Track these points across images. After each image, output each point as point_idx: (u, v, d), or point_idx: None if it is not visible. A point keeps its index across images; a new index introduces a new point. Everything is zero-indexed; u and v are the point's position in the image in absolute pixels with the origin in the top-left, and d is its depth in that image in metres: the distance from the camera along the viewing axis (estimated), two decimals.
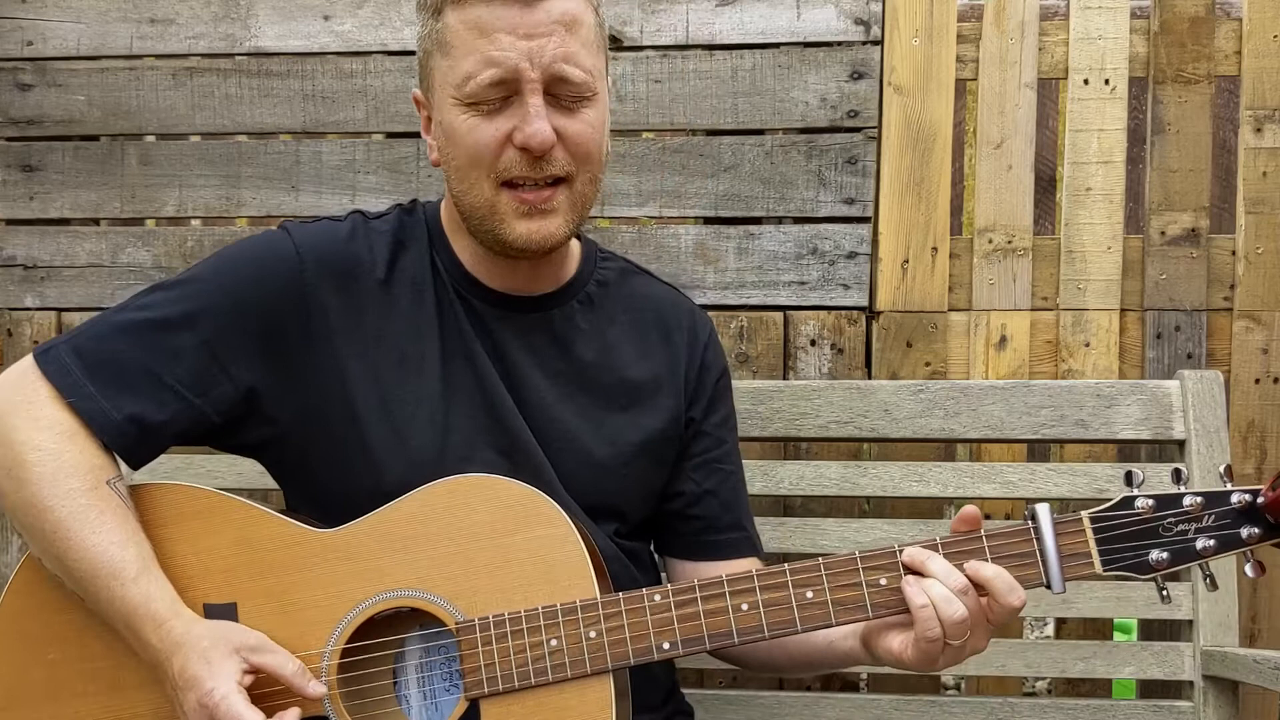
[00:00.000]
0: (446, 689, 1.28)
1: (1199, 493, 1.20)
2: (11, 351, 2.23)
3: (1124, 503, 1.21)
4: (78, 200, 2.24)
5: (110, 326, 1.31)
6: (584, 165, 1.32)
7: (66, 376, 1.27)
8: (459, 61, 1.27)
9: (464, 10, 1.26)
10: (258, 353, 1.32)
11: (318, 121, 2.20)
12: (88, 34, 2.24)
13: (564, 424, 1.39)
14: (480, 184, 1.30)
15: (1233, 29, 2.06)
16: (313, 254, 1.35)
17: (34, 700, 1.28)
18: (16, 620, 1.31)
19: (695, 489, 1.48)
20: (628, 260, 1.55)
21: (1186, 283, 2.07)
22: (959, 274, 2.10)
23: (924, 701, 1.86)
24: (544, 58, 1.25)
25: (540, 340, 1.41)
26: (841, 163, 2.11)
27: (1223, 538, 1.19)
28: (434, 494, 1.27)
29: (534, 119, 1.26)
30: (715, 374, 1.51)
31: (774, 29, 2.12)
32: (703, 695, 1.89)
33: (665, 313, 1.50)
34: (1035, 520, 1.22)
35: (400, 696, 1.29)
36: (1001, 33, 2.09)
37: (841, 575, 1.23)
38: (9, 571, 2.21)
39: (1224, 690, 1.79)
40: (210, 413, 1.32)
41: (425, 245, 1.41)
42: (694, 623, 1.23)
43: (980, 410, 1.90)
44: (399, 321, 1.36)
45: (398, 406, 1.34)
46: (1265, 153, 2.06)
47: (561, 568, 1.24)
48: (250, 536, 1.28)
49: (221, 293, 1.32)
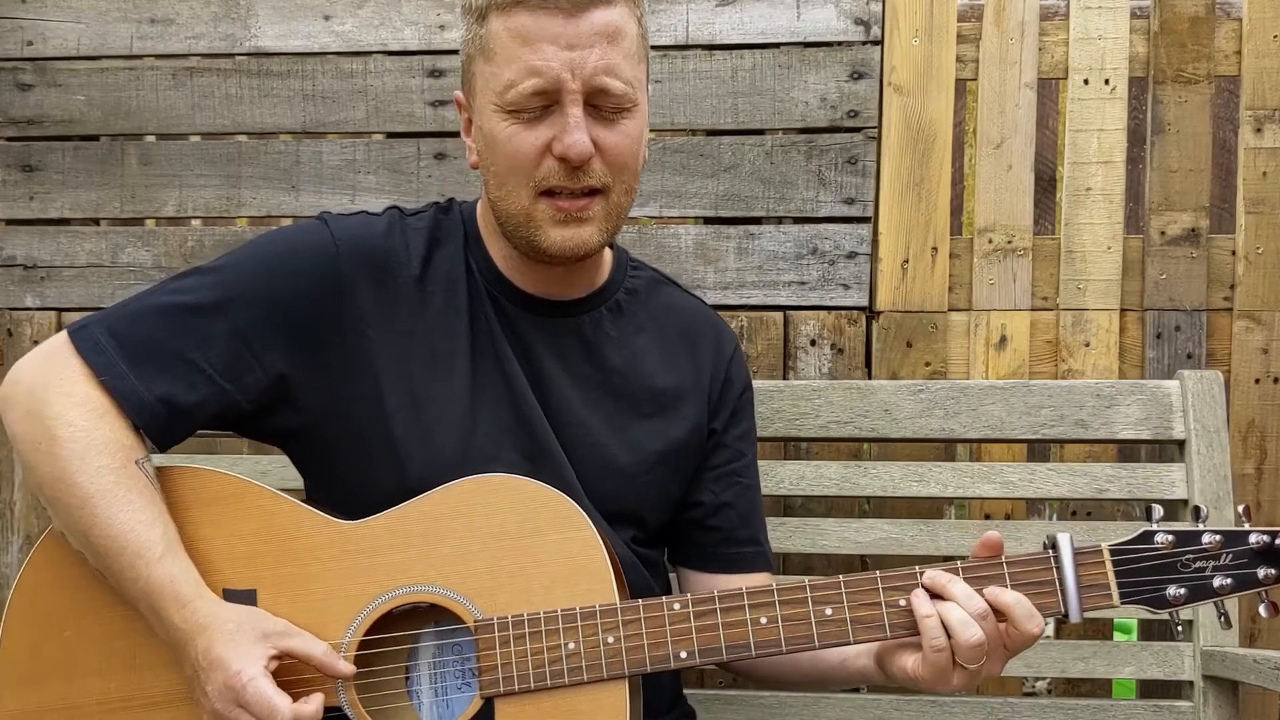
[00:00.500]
0: (459, 687, 1.28)
1: (1218, 531, 1.21)
2: (11, 351, 2.23)
3: (1144, 537, 1.22)
4: (78, 200, 2.24)
5: (145, 308, 1.32)
6: (620, 176, 1.33)
7: (100, 355, 1.28)
8: (501, 69, 1.28)
9: (509, 18, 1.27)
10: (290, 341, 1.33)
11: (318, 121, 2.20)
12: (88, 34, 2.24)
13: (588, 429, 1.39)
14: (518, 191, 1.31)
15: (1233, 29, 2.07)
16: (350, 247, 1.36)
17: (49, 676, 1.29)
18: (35, 595, 1.31)
19: (713, 500, 1.49)
20: (656, 270, 1.56)
21: (1186, 283, 2.07)
22: (959, 274, 2.11)
23: (924, 701, 1.86)
24: (585, 69, 1.26)
25: (569, 345, 1.42)
26: (841, 163, 2.11)
27: (1239, 577, 1.20)
28: (458, 491, 1.27)
29: (573, 130, 1.27)
30: (739, 388, 1.53)
31: (774, 29, 2.12)
32: (703, 695, 1.89)
33: (692, 325, 1.51)
34: (1056, 549, 1.22)
35: (412, 692, 1.29)
36: (1001, 33, 2.09)
37: (861, 594, 1.23)
38: (9, 572, 2.21)
39: (1224, 690, 1.79)
40: (240, 399, 1.32)
41: (460, 244, 1.42)
42: (712, 633, 1.23)
43: (980, 410, 1.90)
44: (431, 319, 1.37)
45: (425, 403, 1.34)
46: (1265, 153, 2.06)
47: (583, 572, 1.24)
48: (273, 524, 1.29)
49: (257, 280, 1.33)
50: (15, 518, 2.22)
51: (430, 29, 2.18)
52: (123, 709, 1.27)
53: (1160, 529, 1.22)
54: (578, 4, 1.26)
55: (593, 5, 1.26)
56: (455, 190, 2.16)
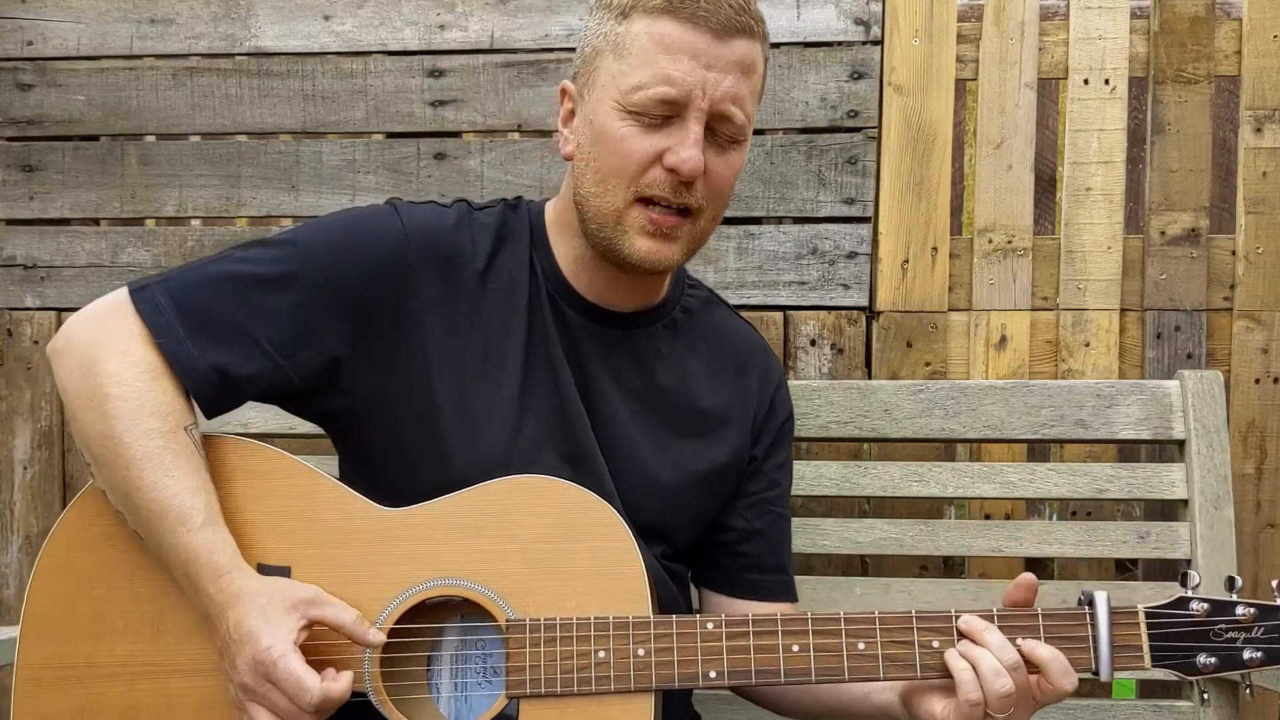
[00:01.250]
0: (480, 684, 1.28)
1: (1252, 604, 1.22)
2: (11, 351, 2.23)
3: (1179, 603, 1.23)
4: (78, 200, 2.24)
5: (207, 276, 1.32)
6: (713, 204, 1.34)
7: (160, 317, 1.28)
8: (634, 70, 1.28)
9: (655, 22, 1.27)
10: (349, 324, 1.33)
11: (318, 121, 2.20)
12: (88, 34, 2.24)
13: (631, 442, 1.40)
14: (616, 191, 1.31)
15: (1233, 29, 2.07)
16: (419, 236, 1.36)
17: (74, 633, 1.28)
18: (67, 551, 1.30)
19: (745, 526, 1.49)
20: (711, 290, 1.57)
21: (1186, 283, 2.07)
22: (959, 274, 2.11)
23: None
24: (717, 92, 1.27)
25: (622, 357, 1.42)
26: (841, 163, 2.11)
27: (1270, 651, 1.22)
28: (502, 489, 1.27)
29: (691, 145, 1.27)
30: (781, 418, 1.53)
31: (774, 29, 2.11)
32: (703, 695, 1.89)
33: (743, 350, 1.52)
34: (1093, 607, 1.23)
35: (431, 685, 1.29)
36: (1001, 33, 2.09)
37: (896, 631, 1.24)
38: (9, 572, 2.22)
39: (1224, 690, 1.79)
40: (294, 376, 1.32)
41: (526, 244, 1.42)
42: (743, 655, 1.24)
43: (980, 410, 1.90)
44: (489, 317, 1.37)
45: (474, 401, 1.34)
46: (1265, 153, 2.06)
47: (619, 581, 1.24)
48: (313, 504, 1.29)
49: (322, 259, 1.33)
50: (15, 518, 2.22)
51: (430, 29, 2.18)
52: (145, 673, 1.27)
53: (1195, 597, 1.23)
54: (727, 28, 1.27)
55: (739, 34, 1.28)
56: (455, 190, 2.16)
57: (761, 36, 1.32)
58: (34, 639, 1.29)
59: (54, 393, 2.19)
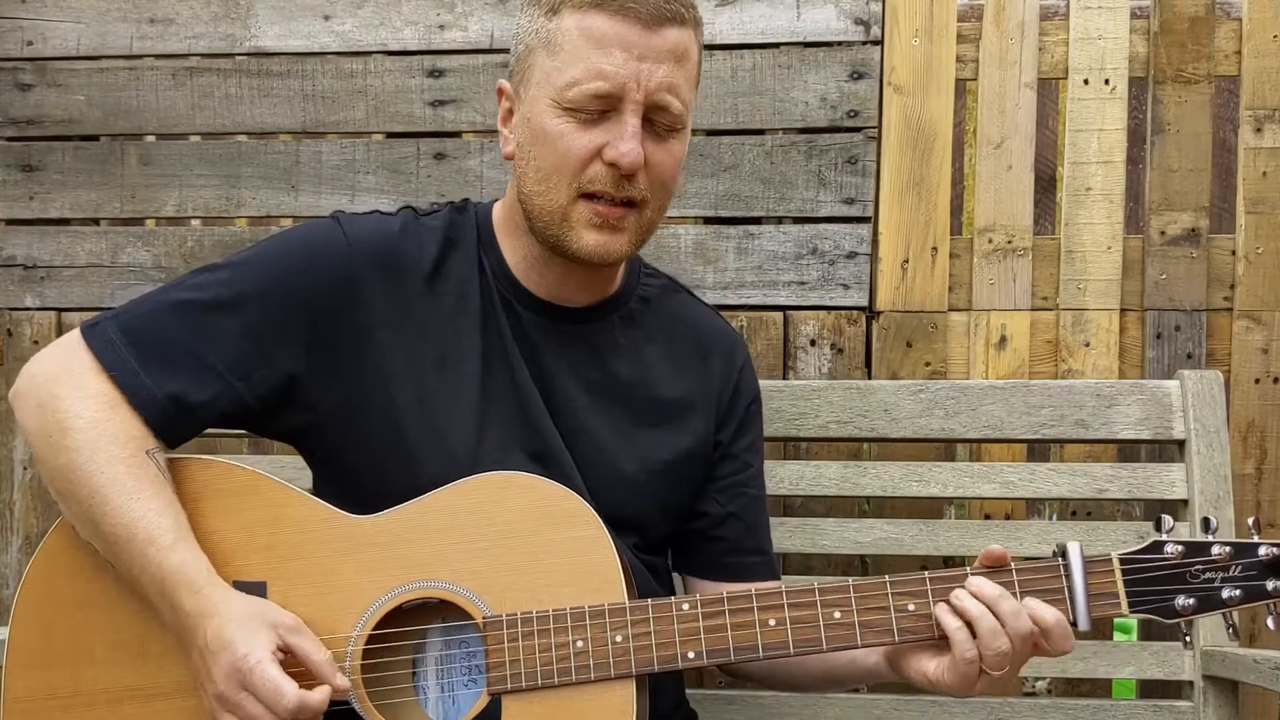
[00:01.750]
0: (465, 683, 1.28)
1: (1228, 542, 1.22)
2: (11, 351, 2.23)
3: (1154, 547, 1.23)
4: (78, 200, 2.24)
5: (159, 305, 1.32)
6: (658, 194, 1.34)
7: (112, 351, 1.28)
8: (566, 66, 1.28)
9: (584, 17, 1.27)
10: (301, 340, 1.33)
11: (318, 121, 2.20)
12: (88, 34, 2.24)
13: (594, 436, 1.40)
14: (559, 189, 1.31)
15: (1233, 29, 2.06)
16: (363, 246, 1.36)
17: (58, 663, 1.29)
18: (46, 582, 1.31)
19: (719, 511, 1.49)
20: (670, 278, 1.56)
21: (1186, 283, 2.07)
22: (959, 274, 2.10)
23: (924, 701, 1.86)
24: (651, 83, 1.27)
25: (579, 352, 1.42)
26: (841, 163, 2.11)
27: (1249, 589, 1.22)
28: (470, 488, 1.27)
29: (629, 139, 1.27)
30: (747, 399, 1.53)
31: (774, 29, 2.12)
32: (703, 695, 1.89)
33: (703, 334, 1.51)
34: (1065, 558, 1.23)
35: (418, 688, 1.29)
36: (1001, 33, 2.09)
37: (870, 598, 1.24)
38: (9, 572, 2.22)
39: (1224, 690, 1.79)
40: (249, 397, 1.32)
41: (474, 246, 1.42)
42: (720, 634, 1.24)
43: (980, 410, 1.90)
44: (442, 320, 1.37)
45: (435, 405, 1.34)
46: (1265, 153, 2.06)
47: (592, 570, 1.25)
48: (284, 517, 1.29)
49: (271, 278, 1.33)
50: (15, 518, 2.22)
51: (430, 29, 2.18)
52: (129, 698, 1.27)
53: (1170, 539, 1.23)
54: (656, 18, 1.27)
55: (669, 22, 1.28)
56: (454, 190, 2.16)
57: (693, 22, 1.32)
58: (20, 670, 1.30)
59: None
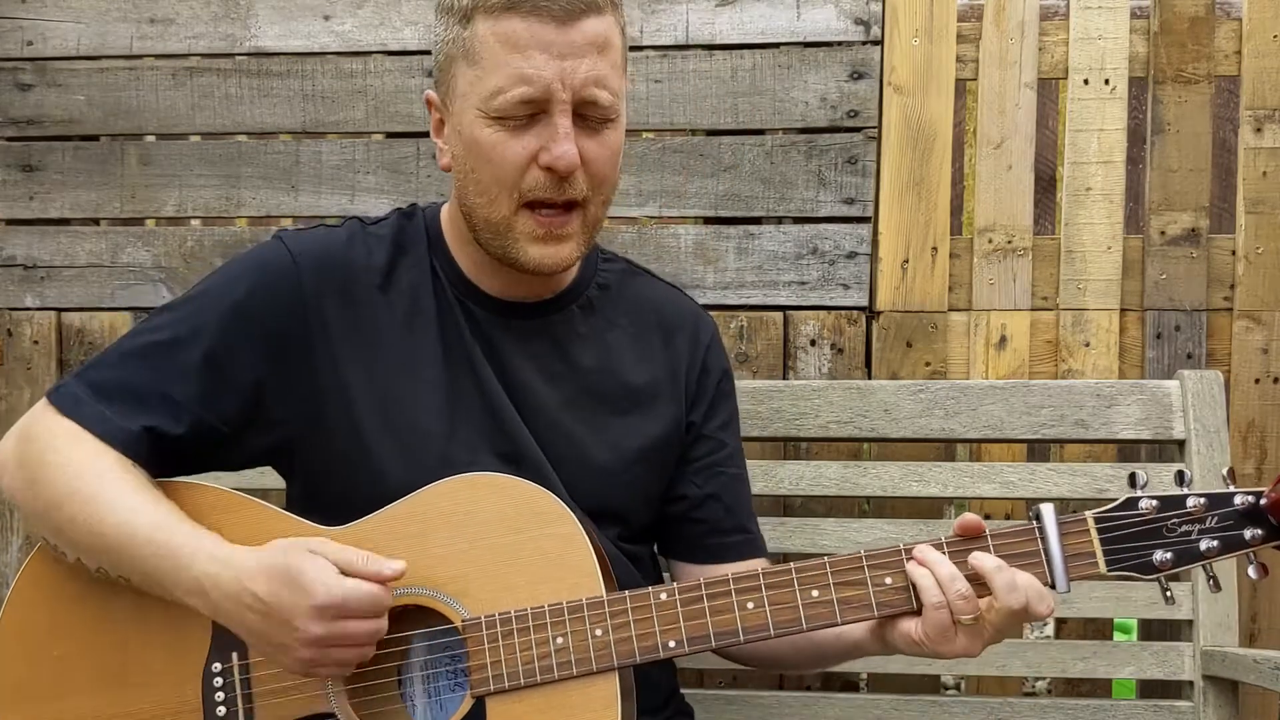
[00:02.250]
0: (451, 687, 1.28)
1: (1202, 494, 1.21)
2: (11, 351, 2.23)
3: (1128, 503, 1.22)
4: (78, 200, 2.24)
5: (119, 355, 1.33)
6: (599, 189, 1.32)
7: (80, 407, 1.29)
8: (488, 74, 1.26)
9: (498, 22, 1.25)
10: (260, 354, 1.33)
11: (318, 121, 2.20)
12: (88, 34, 2.24)
13: (565, 430, 1.39)
14: (500, 201, 1.30)
15: (1233, 29, 2.06)
16: (310, 261, 1.35)
17: (40, 696, 1.29)
18: (25, 614, 1.31)
19: (697, 493, 1.48)
20: (629, 261, 1.54)
21: (1186, 283, 2.07)
22: (959, 274, 2.10)
23: (924, 701, 1.86)
24: (575, 79, 1.25)
25: (540, 346, 1.41)
26: (841, 163, 2.11)
27: (1226, 539, 1.20)
28: (441, 491, 1.27)
29: (562, 140, 1.26)
30: (716, 377, 1.51)
31: (774, 29, 2.12)
32: (702, 695, 1.89)
33: (667, 315, 1.50)
34: (1040, 520, 1.22)
35: (405, 695, 1.29)
36: (1001, 33, 2.09)
37: (847, 574, 1.23)
38: (9, 571, 2.22)
39: (1224, 690, 1.79)
40: (217, 422, 1.32)
41: (424, 251, 1.41)
42: (699, 621, 1.23)
43: (980, 410, 1.90)
44: (398, 328, 1.36)
45: (400, 413, 1.34)
46: (1265, 153, 2.06)
47: (568, 566, 1.24)
48: (264, 532, 1.28)
49: (222, 305, 1.33)
50: (15, 518, 2.22)
51: (430, 29, 2.17)
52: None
53: (1144, 495, 1.22)
54: (570, 13, 1.24)
55: (584, 14, 1.25)
56: None
57: (610, 6, 1.29)
58: (3, 706, 1.30)
59: None
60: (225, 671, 1.26)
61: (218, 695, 1.26)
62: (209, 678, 1.27)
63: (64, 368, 2.22)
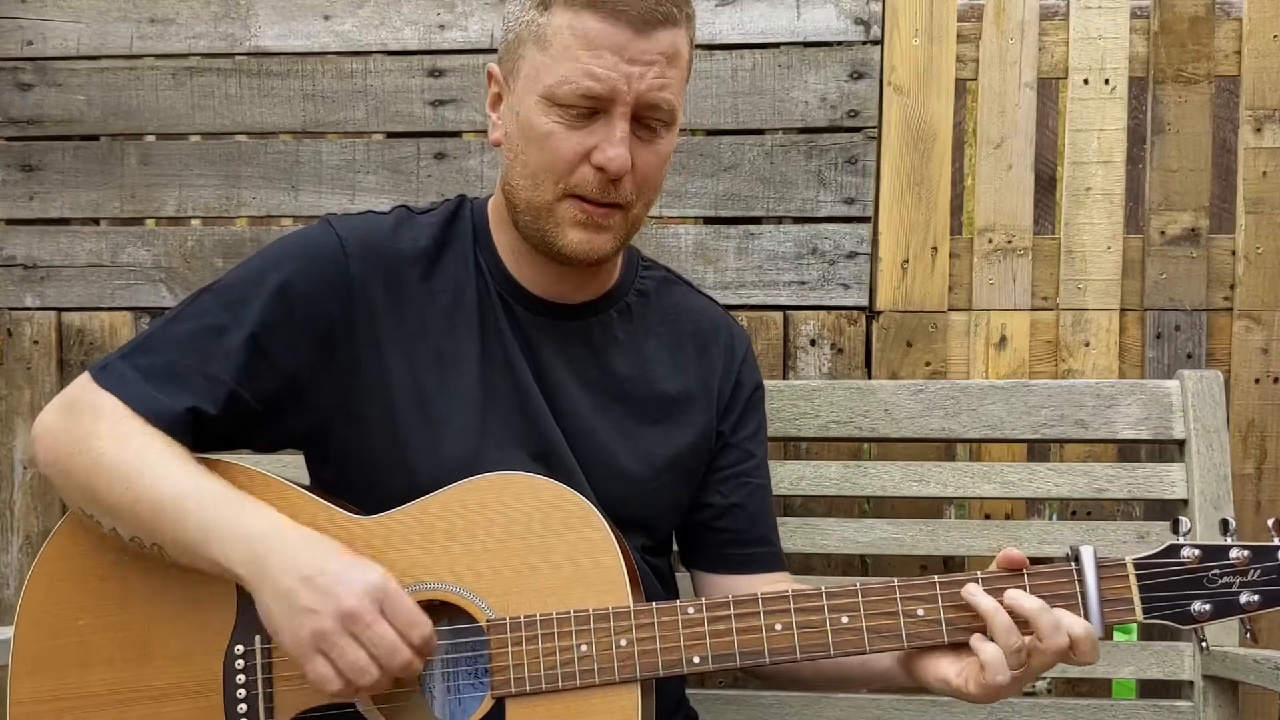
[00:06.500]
0: (471, 685, 1.28)
1: (1246, 546, 1.19)
2: (11, 351, 2.23)
3: (1170, 551, 1.20)
4: (78, 200, 2.24)
5: (164, 338, 1.33)
6: (644, 194, 1.33)
7: (126, 385, 1.29)
8: (557, 63, 1.27)
9: (577, 16, 1.25)
10: (301, 343, 1.33)
11: (318, 121, 2.20)
12: (88, 34, 2.24)
13: (596, 434, 1.39)
14: (545, 186, 1.30)
15: (1233, 29, 2.06)
16: (358, 247, 1.36)
17: (62, 665, 1.29)
18: (51, 585, 1.31)
19: (722, 501, 1.49)
20: (669, 270, 1.55)
21: (1186, 283, 2.07)
22: (959, 274, 2.10)
23: (924, 701, 1.86)
24: (641, 85, 1.26)
25: (577, 349, 1.41)
26: (841, 162, 2.11)
27: (1268, 593, 1.18)
28: (474, 488, 1.27)
29: (618, 143, 1.27)
30: (749, 389, 1.52)
31: (774, 29, 2.12)
32: (704, 695, 1.89)
33: (703, 327, 1.50)
34: (1079, 562, 1.20)
35: (424, 689, 1.29)
36: (1001, 33, 2.09)
37: (879, 603, 1.22)
38: (9, 571, 2.22)
39: (1224, 690, 1.79)
40: (253, 400, 1.32)
41: (470, 243, 1.41)
42: (726, 639, 1.22)
43: (980, 410, 1.90)
44: (439, 320, 1.37)
45: (434, 406, 1.34)
46: (1265, 153, 2.06)
47: (596, 572, 1.24)
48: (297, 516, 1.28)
49: (267, 287, 1.33)
50: (15, 518, 2.22)
51: (430, 29, 2.18)
52: (135, 699, 1.27)
53: (1186, 543, 1.20)
54: (648, 21, 1.25)
55: (661, 24, 1.26)
56: (455, 191, 2.15)
57: (685, 19, 1.30)
58: (25, 675, 1.30)
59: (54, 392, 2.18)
60: (248, 654, 1.27)
61: (239, 677, 1.26)
62: (231, 658, 1.27)
63: (64, 368, 2.22)
